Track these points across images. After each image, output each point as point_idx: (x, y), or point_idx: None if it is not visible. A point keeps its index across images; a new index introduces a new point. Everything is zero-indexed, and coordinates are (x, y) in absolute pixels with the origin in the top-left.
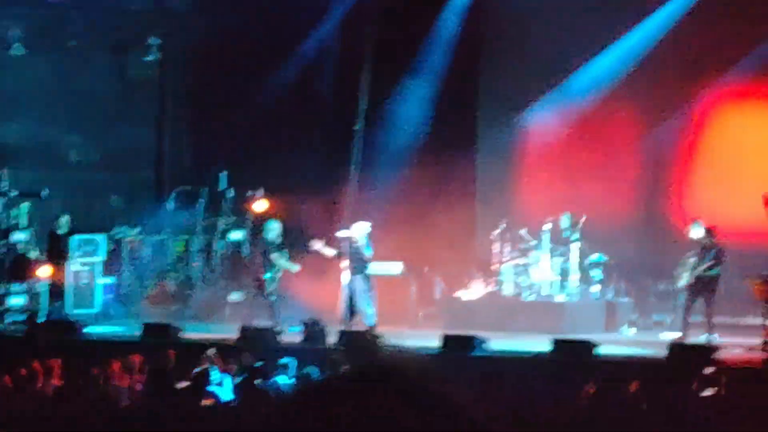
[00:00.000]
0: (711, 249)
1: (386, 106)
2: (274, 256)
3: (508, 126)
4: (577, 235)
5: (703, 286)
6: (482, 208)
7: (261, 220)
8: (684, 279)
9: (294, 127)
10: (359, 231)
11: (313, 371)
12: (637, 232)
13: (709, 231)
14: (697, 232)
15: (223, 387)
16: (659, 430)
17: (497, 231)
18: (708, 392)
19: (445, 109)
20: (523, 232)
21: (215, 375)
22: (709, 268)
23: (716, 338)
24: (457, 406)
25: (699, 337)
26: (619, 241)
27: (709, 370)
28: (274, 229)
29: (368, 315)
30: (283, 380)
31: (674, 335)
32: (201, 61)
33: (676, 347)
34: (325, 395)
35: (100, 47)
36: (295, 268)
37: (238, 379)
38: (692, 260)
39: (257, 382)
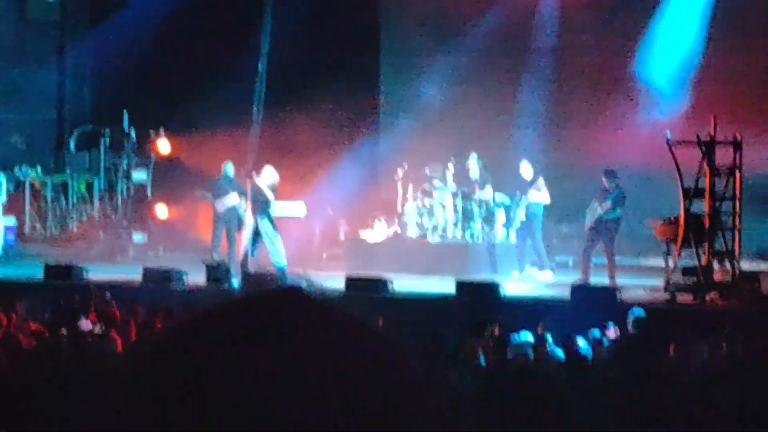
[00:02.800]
0: (612, 192)
1: (290, 45)
2: None
3: (410, 65)
4: (481, 175)
5: (604, 229)
6: (386, 149)
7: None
8: (586, 221)
9: (196, 66)
10: (267, 176)
11: None
12: (541, 174)
13: (610, 173)
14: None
15: None
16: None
17: (401, 171)
18: (611, 334)
19: (348, 47)
20: (427, 169)
21: None
22: (610, 210)
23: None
24: (364, 347)
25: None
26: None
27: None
28: None
29: (276, 256)
30: None
31: (545, 275)
32: (103, 1)
33: (580, 289)
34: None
35: None
36: None
37: None
38: (594, 202)
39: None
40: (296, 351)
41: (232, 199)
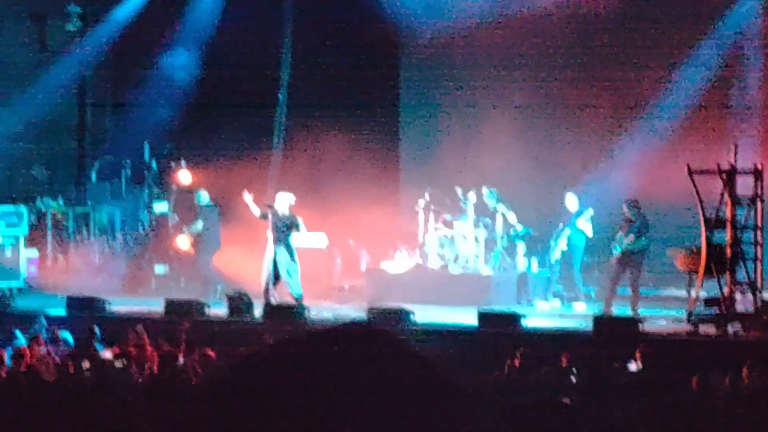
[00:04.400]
0: (635, 221)
1: (309, 76)
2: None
3: (431, 96)
4: (500, 206)
5: (630, 260)
6: (406, 179)
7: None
8: (613, 252)
9: (217, 96)
10: (283, 202)
11: None
12: (561, 205)
13: (632, 203)
14: (570, 203)
15: None
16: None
17: (422, 202)
18: (634, 366)
19: (368, 77)
20: (447, 200)
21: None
22: (634, 240)
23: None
24: (386, 378)
25: (624, 310)
26: (544, 213)
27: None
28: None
29: (293, 286)
30: None
31: (582, 306)
32: (121, 29)
33: (602, 320)
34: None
35: (19, 16)
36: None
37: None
38: (619, 234)
39: None
40: (377, 383)
41: (198, 224)
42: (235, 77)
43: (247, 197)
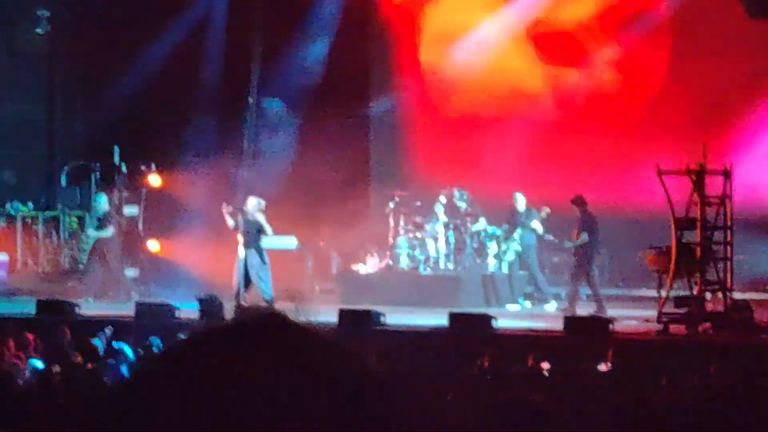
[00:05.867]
0: (579, 218)
1: (279, 79)
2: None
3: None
4: (470, 208)
5: (577, 256)
6: (377, 181)
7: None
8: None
9: (187, 99)
10: (252, 205)
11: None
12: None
13: (574, 200)
14: (520, 204)
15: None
16: (556, 402)
17: (392, 204)
18: (604, 366)
19: (337, 82)
20: (418, 202)
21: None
22: (577, 237)
23: (603, 309)
24: (358, 380)
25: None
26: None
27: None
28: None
29: (264, 289)
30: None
31: (552, 307)
32: (91, 33)
33: (572, 320)
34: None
35: None
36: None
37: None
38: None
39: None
40: (277, 377)
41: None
42: (204, 80)
43: (225, 209)
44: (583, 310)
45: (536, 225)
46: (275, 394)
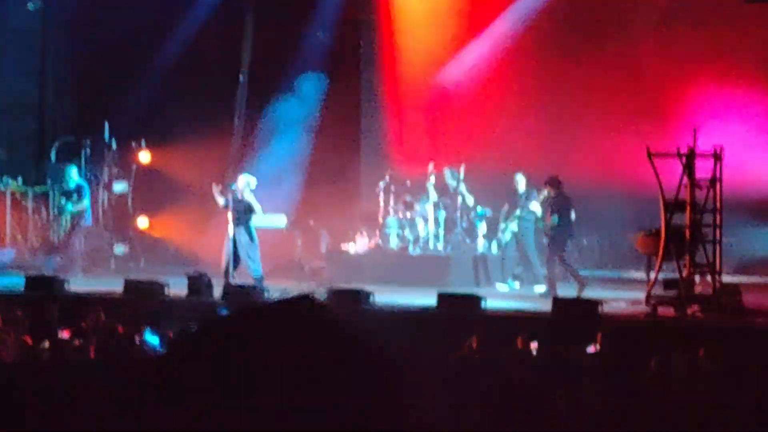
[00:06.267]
0: (552, 201)
1: (270, 58)
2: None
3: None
4: (461, 187)
5: (549, 239)
6: (367, 160)
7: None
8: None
9: (177, 76)
10: (242, 183)
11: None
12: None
13: (548, 181)
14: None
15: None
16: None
17: (382, 183)
18: (592, 348)
19: (331, 63)
20: (408, 182)
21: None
22: (549, 219)
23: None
24: (378, 360)
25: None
26: (503, 194)
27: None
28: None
29: (253, 267)
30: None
31: (542, 289)
32: (84, 10)
33: (560, 302)
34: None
35: None
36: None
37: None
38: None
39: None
40: (301, 356)
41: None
42: (197, 57)
43: (215, 189)
44: (569, 291)
45: (535, 206)
46: (307, 372)
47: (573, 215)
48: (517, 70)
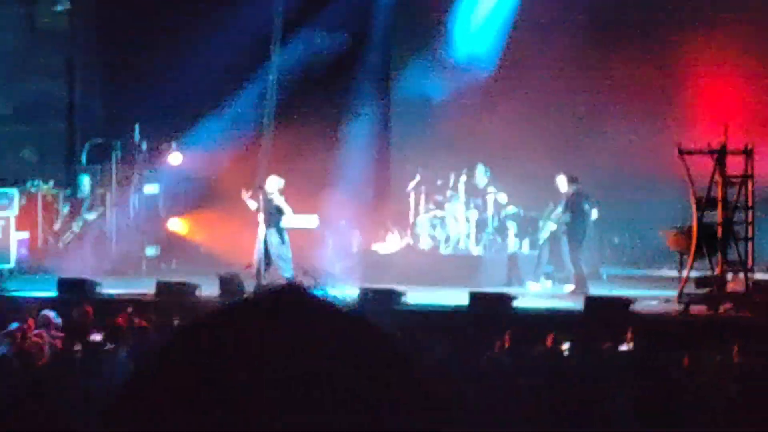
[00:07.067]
0: (568, 199)
1: (298, 59)
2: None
3: (422, 73)
4: (491, 187)
5: (558, 235)
6: (397, 159)
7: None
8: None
9: (208, 77)
10: (272, 184)
11: None
12: (549, 184)
13: (568, 179)
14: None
15: None
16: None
17: (413, 183)
18: (625, 346)
19: (359, 56)
20: (439, 181)
21: None
22: (560, 216)
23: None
24: (380, 350)
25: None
26: (534, 194)
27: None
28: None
29: (284, 268)
30: None
31: (571, 288)
32: (111, 10)
33: (592, 300)
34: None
35: None
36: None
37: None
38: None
39: None
40: (294, 346)
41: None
42: (227, 58)
43: (244, 194)
44: (604, 290)
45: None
46: (294, 362)
47: (592, 213)
48: (544, 68)
